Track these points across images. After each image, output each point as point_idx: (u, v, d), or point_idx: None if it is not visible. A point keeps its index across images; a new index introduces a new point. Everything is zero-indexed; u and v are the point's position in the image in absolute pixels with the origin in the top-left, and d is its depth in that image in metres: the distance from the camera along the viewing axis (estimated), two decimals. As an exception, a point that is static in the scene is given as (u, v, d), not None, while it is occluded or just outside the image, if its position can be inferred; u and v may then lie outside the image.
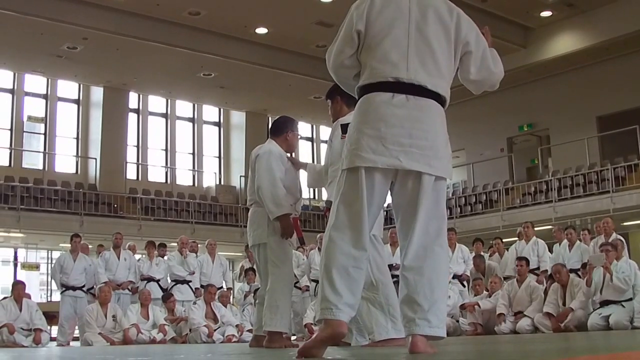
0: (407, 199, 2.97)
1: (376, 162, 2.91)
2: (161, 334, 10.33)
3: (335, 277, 2.88)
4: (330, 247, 2.95)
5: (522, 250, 10.85)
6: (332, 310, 2.87)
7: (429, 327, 2.89)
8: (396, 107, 2.94)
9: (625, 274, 8.87)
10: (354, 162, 2.95)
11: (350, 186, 2.97)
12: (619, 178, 17.41)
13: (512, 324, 9.45)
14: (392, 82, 2.97)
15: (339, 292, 2.87)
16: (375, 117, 2.95)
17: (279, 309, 5.24)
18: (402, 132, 2.92)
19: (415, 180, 2.94)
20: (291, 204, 5.46)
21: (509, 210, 19.06)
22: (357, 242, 2.93)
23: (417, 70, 2.96)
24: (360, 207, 2.93)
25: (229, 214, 22.22)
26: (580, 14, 18.58)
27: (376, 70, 3.00)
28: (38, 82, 21.68)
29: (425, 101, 2.97)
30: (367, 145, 2.92)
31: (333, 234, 2.96)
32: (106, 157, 21.56)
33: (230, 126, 25.30)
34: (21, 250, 20.50)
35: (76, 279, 11.04)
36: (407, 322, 2.94)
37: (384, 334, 4.57)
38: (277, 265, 5.34)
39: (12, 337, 9.73)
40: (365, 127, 2.96)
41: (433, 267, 2.93)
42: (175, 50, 18.76)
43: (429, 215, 2.95)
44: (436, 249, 2.96)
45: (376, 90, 2.99)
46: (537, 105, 21.29)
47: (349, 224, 2.94)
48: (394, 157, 2.90)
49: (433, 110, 2.99)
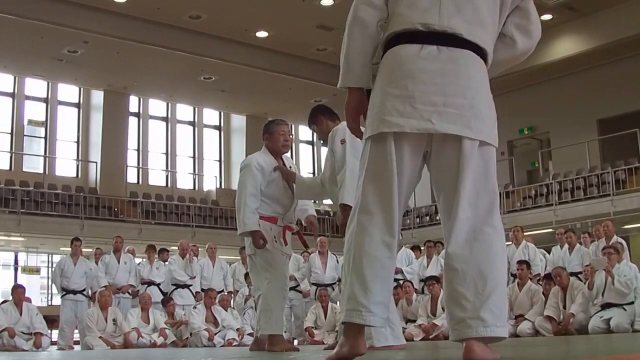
0: (447, 171, 2.46)
1: (404, 127, 2.43)
2: (162, 338, 10.31)
3: (367, 272, 2.42)
4: (360, 235, 2.46)
5: (512, 254, 10.84)
6: (362, 313, 2.41)
7: (483, 328, 2.35)
8: (426, 60, 2.46)
9: (626, 277, 8.87)
10: (378, 127, 2.48)
11: (376, 158, 2.50)
12: (620, 181, 17.41)
13: (512, 328, 9.44)
14: (421, 30, 2.48)
15: (370, 289, 2.41)
16: (401, 74, 2.47)
17: (272, 313, 5.24)
18: (433, 89, 2.43)
19: (455, 147, 2.43)
20: (281, 213, 5.46)
21: (510, 214, 19.03)
22: (390, 226, 2.46)
23: (451, 15, 2.48)
24: (390, 182, 2.46)
25: (229, 218, 22.15)
26: (580, 17, 18.59)
27: (403, 17, 2.52)
28: (38, 86, 21.70)
29: (461, 52, 2.47)
30: (392, 108, 2.45)
31: (362, 218, 2.48)
32: (107, 160, 21.56)
33: (231, 130, 25.31)
34: (22, 254, 20.51)
35: (77, 283, 11.04)
36: (457, 323, 2.39)
37: (383, 341, 4.55)
38: (268, 269, 5.35)
39: (12, 341, 9.73)
40: (390, 86, 2.49)
41: (485, 253, 2.40)
42: (176, 54, 18.78)
43: (477, 189, 2.43)
44: (488, 230, 2.44)
45: (402, 41, 2.52)
46: (538, 109, 21.29)
47: (380, 204, 2.47)
48: (425, 119, 2.41)
49: (472, 63, 2.49)
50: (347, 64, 2.62)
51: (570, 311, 9.08)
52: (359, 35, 2.59)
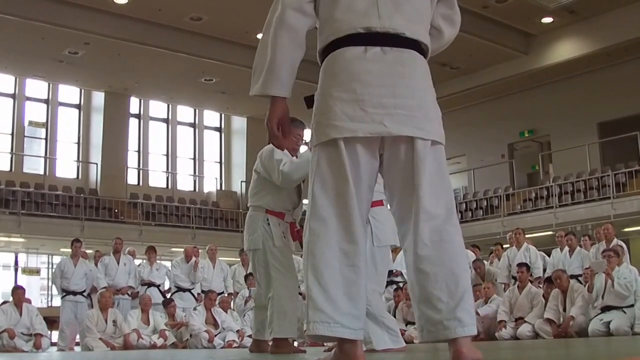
0: (401, 173, 2.40)
1: (356, 131, 2.34)
2: (162, 339, 10.31)
3: (329, 282, 2.31)
4: (314, 243, 2.36)
5: (513, 257, 10.84)
6: (330, 325, 2.30)
7: (461, 328, 2.30)
8: (371, 62, 2.39)
9: (626, 280, 8.86)
10: (328, 134, 2.38)
11: (328, 164, 2.40)
12: (620, 184, 17.42)
13: (512, 330, 9.45)
14: (362, 33, 2.41)
15: (334, 300, 2.30)
16: (347, 77, 2.39)
17: (286, 315, 5.16)
18: (383, 91, 2.36)
19: (408, 148, 2.38)
20: (289, 209, 5.45)
21: (510, 216, 19.04)
22: (349, 233, 2.35)
23: (391, 15, 2.42)
24: (345, 189, 2.36)
25: (229, 220, 22.21)
26: (581, 21, 18.59)
27: (341, 23, 2.43)
28: (39, 87, 21.71)
29: (407, 52, 2.42)
30: (342, 112, 2.36)
31: (314, 225, 2.37)
32: (107, 162, 21.57)
33: (232, 131, 25.32)
34: (22, 255, 20.51)
35: (77, 284, 11.05)
36: (432, 325, 2.33)
37: (383, 344, 4.55)
38: (281, 271, 5.27)
39: (12, 342, 9.72)
40: (336, 90, 2.40)
41: (452, 253, 2.34)
42: (177, 56, 18.78)
43: (433, 189, 2.37)
44: (450, 230, 2.37)
45: (343, 45, 2.43)
46: (538, 112, 21.30)
47: (334, 210, 2.36)
48: (377, 122, 2.34)
49: (417, 63, 2.45)
50: (273, 72, 2.52)
51: (570, 314, 9.07)
52: (288, 43, 2.50)
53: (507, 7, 17.49)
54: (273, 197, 5.37)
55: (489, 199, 20.17)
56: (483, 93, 21.46)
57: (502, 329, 9.47)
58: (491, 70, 20.24)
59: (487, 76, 20.45)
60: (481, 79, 20.39)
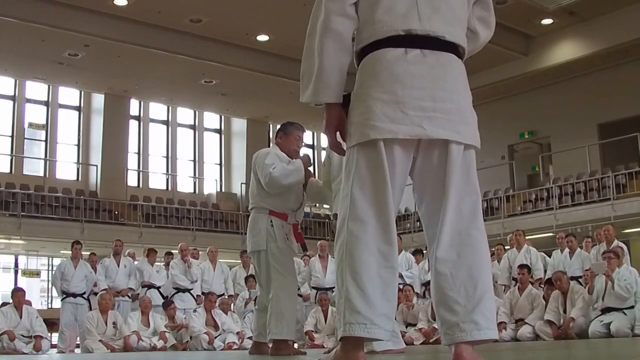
0: (433, 175, 2.43)
1: (396, 133, 2.36)
2: (162, 341, 10.31)
3: (367, 283, 2.31)
4: (353, 244, 2.35)
5: (514, 258, 10.83)
6: (367, 326, 2.30)
7: (477, 331, 2.32)
8: (412, 64, 2.40)
9: (627, 281, 8.86)
10: (367, 134, 2.38)
11: (366, 165, 2.40)
12: (620, 185, 17.42)
13: (513, 332, 9.45)
14: (403, 35, 2.42)
15: (372, 301, 2.30)
16: (388, 78, 2.39)
17: (284, 317, 5.15)
18: (423, 94, 2.38)
19: (442, 151, 2.40)
20: (293, 210, 5.44)
21: (510, 218, 19.04)
22: (386, 234, 2.37)
23: (430, 18, 2.42)
24: (384, 190, 2.37)
25: (229, 221, 22.22)
26: (581, 22, 18.60)
27: (381, 24, 2.43)
28: (39, 89, 21.71)
29: (446, 56, 2.45)
30: (382, 113, 2.37)
31: (353, 226, 2.37)
32: (107, 164, 21.57)
33: (231, 133, 25.32)
34: (22, 257, 20.52)
35: (77, 286, 11.05)
36: (449, 327, 2.36)
37: (383, 346, 4.55)
38: (281, 272, 5.27)
39: (12, 344, 9.73)
40: (377, 90, 2.40)
41: (473, 256, 2.36)
42: (177, 58, 18.78)
43: (461, 192, 2.40)
44: (474, 233, 2.39)
45: (382, 46, 2.44)
46: (539, 113, 21.30)
47: (374, 212, 2.37)
48: (416, 124, 2.36)
49: (455, 66, 2.48)
50: (322, 79, 2.50)
51: (570, 315, 9.07)
52: (335, 49, 2.48)
53: (507, 8, 17.49)
54: (276, 199, 5.36)
55: (489, 201, 20.15)
56: (483, 94, 21.41)
57: (502, 330, 9.46)
58: (491, 71, 20.21)
59: (486, 77, 20.43)
60: (481, 81, 20.36)
